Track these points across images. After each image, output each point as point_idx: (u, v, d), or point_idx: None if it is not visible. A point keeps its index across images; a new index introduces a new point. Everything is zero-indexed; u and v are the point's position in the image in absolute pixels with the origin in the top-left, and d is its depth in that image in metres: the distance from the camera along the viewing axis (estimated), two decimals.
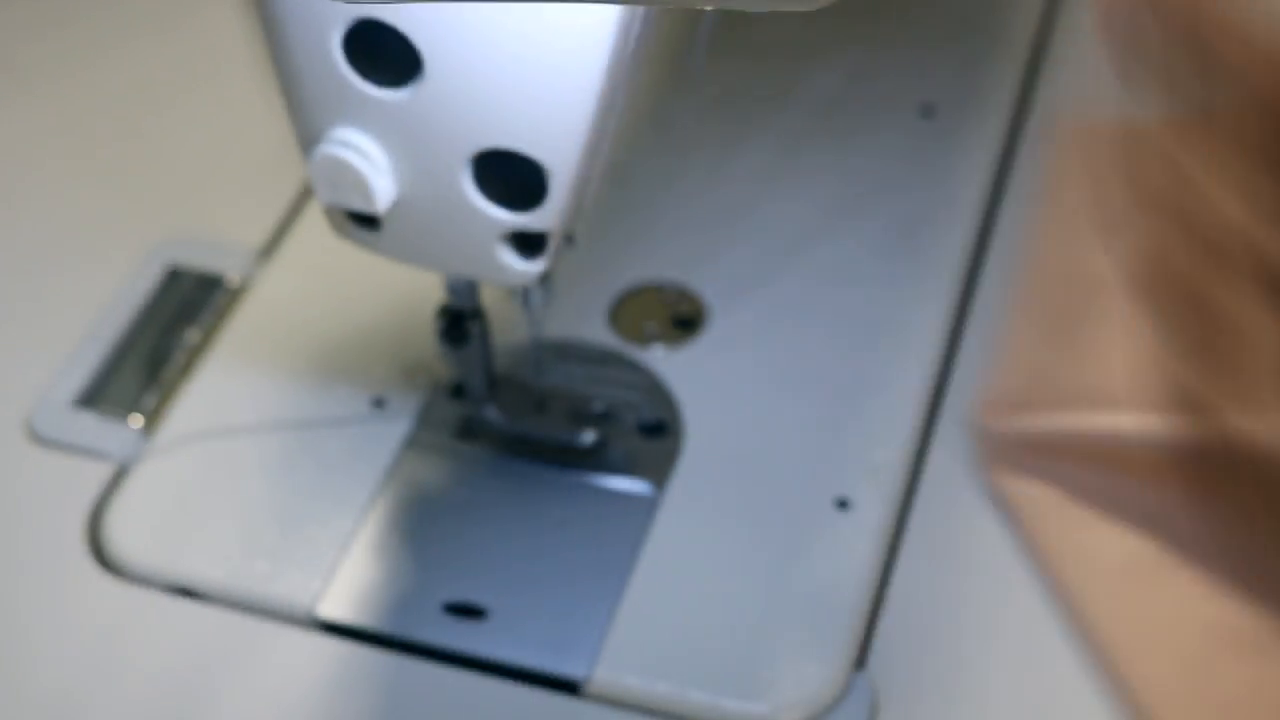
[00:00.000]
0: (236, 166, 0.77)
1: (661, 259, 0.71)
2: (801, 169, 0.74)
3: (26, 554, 0.62)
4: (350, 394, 0.66)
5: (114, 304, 0.70)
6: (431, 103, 0.48)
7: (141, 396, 0.67)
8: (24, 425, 0.66)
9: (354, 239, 0.54)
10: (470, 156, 0.49)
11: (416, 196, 0.51)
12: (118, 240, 0.73)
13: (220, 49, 0.83)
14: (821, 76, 0.80)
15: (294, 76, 0.49)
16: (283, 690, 0.57)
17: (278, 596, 0.60)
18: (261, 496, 0.63)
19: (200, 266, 0.72)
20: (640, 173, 0.75)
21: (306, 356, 0.68)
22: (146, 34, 0.84)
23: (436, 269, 0.55)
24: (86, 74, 0.82)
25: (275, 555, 0.61)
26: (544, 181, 0.49)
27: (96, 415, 0.66)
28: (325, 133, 0.50)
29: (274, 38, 0.48)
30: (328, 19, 0.47)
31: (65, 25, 0.85)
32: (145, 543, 0.62)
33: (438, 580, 0.60)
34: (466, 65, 0.47)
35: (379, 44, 0.47)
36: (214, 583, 0.60)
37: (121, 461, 0.65)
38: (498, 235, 0.51)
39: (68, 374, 0.68)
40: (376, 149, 0.50)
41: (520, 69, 0.47)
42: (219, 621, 0.59)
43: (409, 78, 0.47)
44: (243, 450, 0.65)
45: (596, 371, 0.67)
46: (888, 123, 0.77)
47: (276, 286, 0.72)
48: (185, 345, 0.69)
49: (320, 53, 0.48)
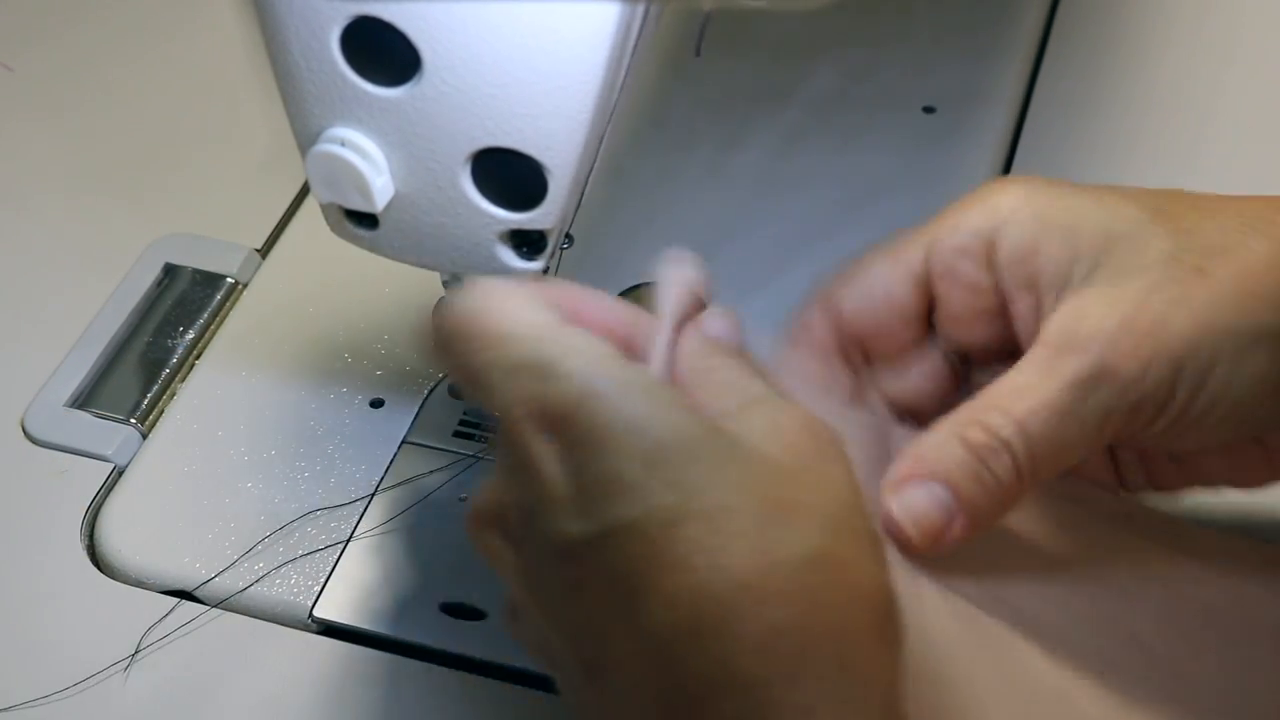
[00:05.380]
0: (234, 165, 0.77)
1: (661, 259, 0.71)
2: (802, 168, 0.74)
3: (23, 556, 0.62)
4: (348, 394, 0.66)
5: (111, 303, 0.70)
6: (430, 101, 0.48)
7: (138, 397, 0.67)
8: (20, 426, 0.66)
9: (352, 238, 0.54)
10: (469, 155, 0.49)
11: (415, 195, 0.50)
12: (115, 239, 0.73)
13: (219, 48, 0.83)
14: (822, 75, 0.79)
15: (292, 74, 0.49)
16: (281, 691, 0.57)
17: (275, 598, 0.60)
18: (259, 497, 0.63)
19: (198, 266, 0.72)
20: (640, 172, 0.75)
21: (304, 357, 0.68)
22: (145, 34, 0.84)
23: (434, 268, 0.54)
24: (85, 74, 0.82)
25: (272, 556, 0.61)
26: (543, 180, 0.49)
27: (93, 416, 0.66)
28: (323, 131, 0.49)
29: (271, 35, 0.48)
30: (325, 16, 0.47)
31: (65, 25, 0.85)
32: (142, 544, 0.61)
33: (435, 581, 0.60)
34: (465, 63, 0.46)
35: (377, 42, 0.47)
36: (211, 584, 0.60)
37: (118, 463, 0.64)
38: (496, 234, 0.51)
39: (64, 374, 0.67)
40: (374, 147, 0.49)
41: (519, 67, 0.46)
42: (216, 623, 0.59)
43: (407, 76, 0.47)
44: (240, 451, 0.64)
45: None
46: (889, 121, 0.76)
47: (274, 286, 0.71)
48: (182, 345, 0.69)
49: (318, 50, 0.47)
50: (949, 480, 0.46)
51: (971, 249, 0.50)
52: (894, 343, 0.52)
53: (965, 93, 0.78)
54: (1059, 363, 0.46)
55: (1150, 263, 0.47)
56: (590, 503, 0.41)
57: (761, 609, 0.39)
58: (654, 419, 0.42)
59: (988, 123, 0.76)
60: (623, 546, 0.41)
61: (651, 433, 0.42)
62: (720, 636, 0.39)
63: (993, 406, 0.47)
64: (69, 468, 0.64)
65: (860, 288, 0.52)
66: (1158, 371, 0.46)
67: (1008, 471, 0.46)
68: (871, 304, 0.52)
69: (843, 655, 0.40)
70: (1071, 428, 0.46)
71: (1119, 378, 0.46)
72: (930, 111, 0.77)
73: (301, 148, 0.51)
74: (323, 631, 0.59)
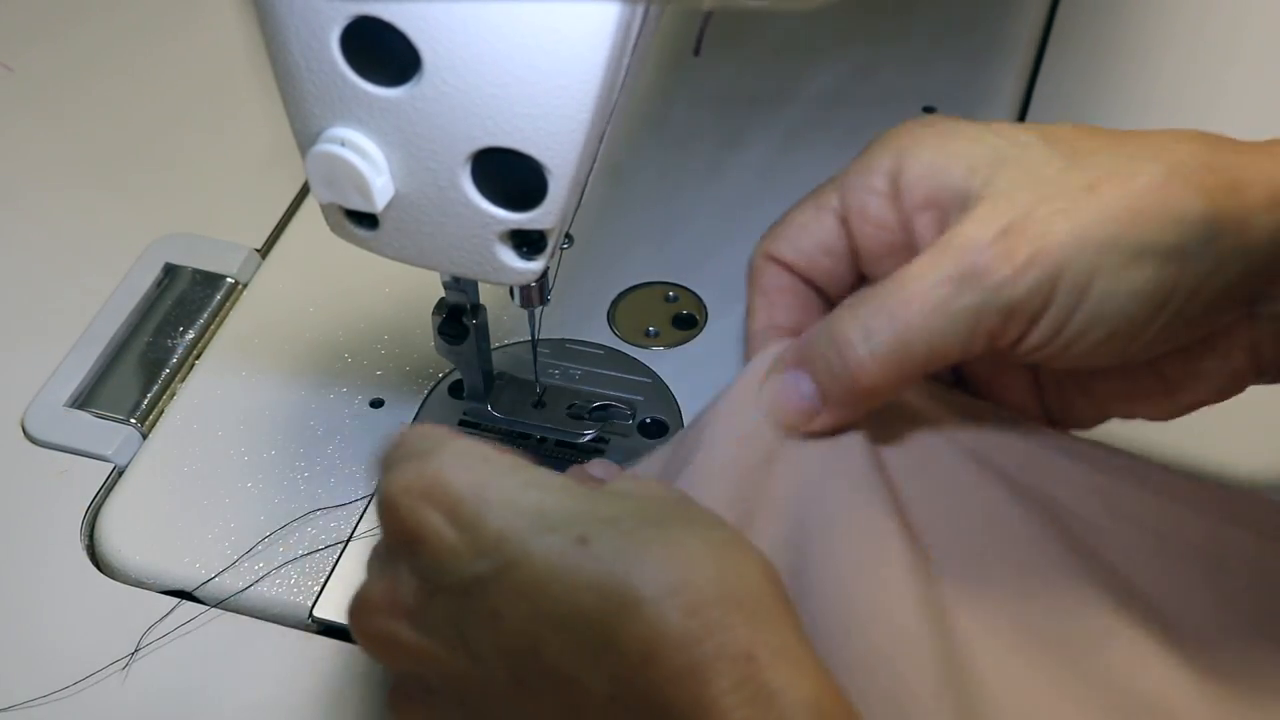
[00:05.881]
0: (234, 165, 0.77)
1: (661, 259, 0.71)
2: (802, 168, 0.74)
3: (23, 556, 0.62)
4: (348, 394, 0.66)
5: (111, 303, 0.70)
6: (430, 101, 0.48)
7: (138, 397, 0.67)
8: (20, 426, 0.66)
9: (352, 238, 0.54)
10: (469, 155, 0.49)
11: (415, 195, 0.50)
12: (115, 239, 0.73)
13: (219, 48, 0.83)
14: (822, 75, 0.79)
15: (291, 74, 0.49)
16: (281, 691, 0.57)
17: (275, 598, 0.60)
18: (258, 497, 0.63)
19: (198, 266, 0.72)
20: (640, 172, 0.75)
21: (304, 356, 0.68)
22: (145, 34, 0.84)
23: (435, 268, 0.54)
24: (85, 74, 0.82)
25: (272, 556, 0.61)
26: (543, 180, 0.49)
27: (93, 416, 0.66)
28: (323, 131, 0.49)
29: (271, 35, 0.48)
30: (325, 16, 0.47)
31: (65, 25, 0.85)
32: (142, 544, 0.61)
33: None
34: (465, 63, 0.46)
35: (377, 42, 0.47)
36: (211, 584, 0.60)
37: (118, 463, 0.64)
38: (496, 234, 0.51)
39: (64, 374, 0.67)
40: (374, 147, 0.49)
41: (520, 67, 0.46)
42: (216, 623, 0.59)
43: (407, 76, 0.47)
44: (240, 451, 0.64)
45: (596, 370, 0.66)
46: (889, 121, 0.75)
47: (274, 286, 0.71)
48: (182, 345, 0.69)
49: (318, 50, 0.47)
50: (813, 372, 0.50)
51: (878, 187, 0.52)
52: (838, 281, 0.54)
53: (965, 93, 0.78)
54: (940, 258, 0.48)
55: (1041, 179, 0.48)
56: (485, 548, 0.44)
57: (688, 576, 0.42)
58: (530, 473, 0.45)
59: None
60: (527, 570, 0.43)
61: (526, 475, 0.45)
62: (653, 602, 0.42)
63: (871, 297, 0.49)
64: (69, 468, 0.64)
65: (792, 238, 0.54)
66: (1033, 276, 0.47)
67: (859, 355, 0.49)
68: (807, 251, 0.54)
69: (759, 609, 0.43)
70: (942, 322, 0.48)
71: (992, 277, 0.47)
72: (930, 111, 0.77)
73: (301, 148, 0.51)
74: (323, 631, 0.59)
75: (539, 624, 0.43)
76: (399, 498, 0.45)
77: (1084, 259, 0.47)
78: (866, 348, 0.48)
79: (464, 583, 0.44)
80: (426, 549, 0.44)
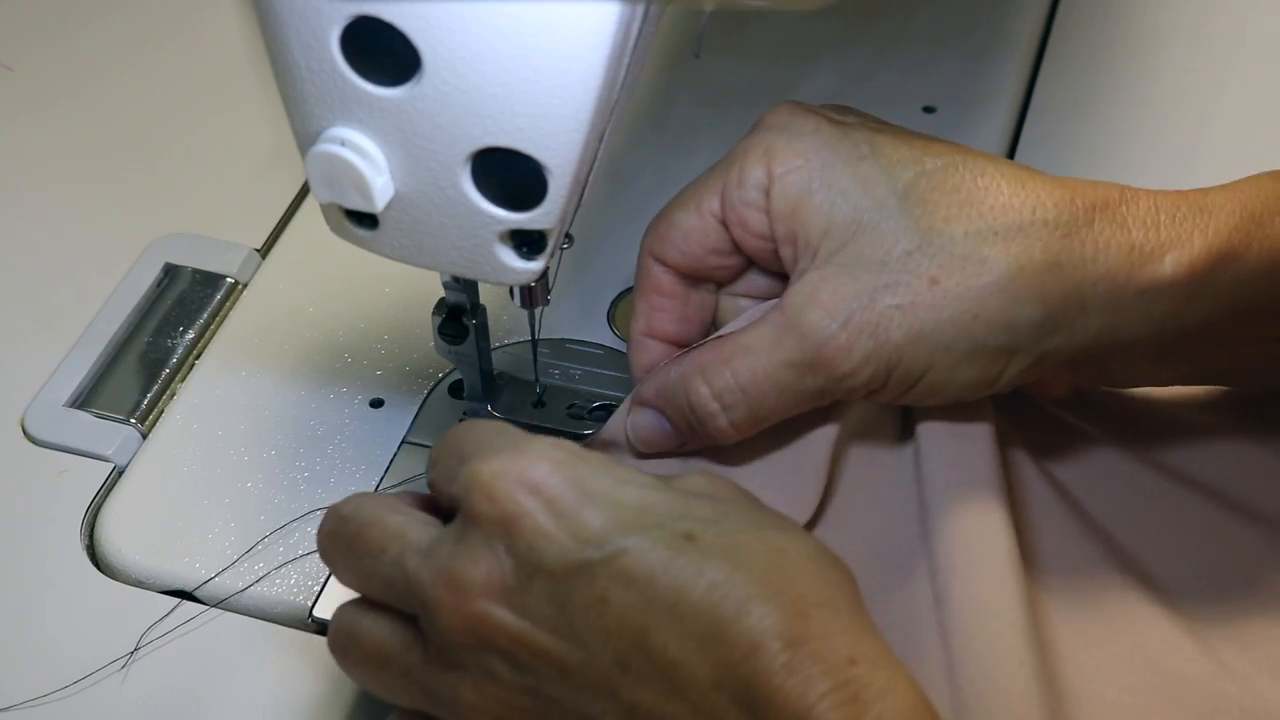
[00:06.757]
0: (234, 165, 0.77)
1: None
2: None
3: (23, 556, 0.62)
4: (348, 394, 0.66)
5: (111, 303, 0.70)
6: (430, 101, 0.47)
7: (138, 397, 0.67)
8: (20, 426, 0.66)
9: (352, 238, 0.54)
10: (469, 155, 0.49)
11: (415, 195, 0.50)
12: (115, 239, 0.73)
13: (219, 48, 0.83)
14: (822, 75, 0.79)
15: (291, 74, 0.49)
16: (280, 691, 0.57)
17: (275, 598, 0.60)
18: (259, 497, 0.63)
19: (198, 266, 0.72)
20: (640, 172, 0.75)
21: (304, 357, 0.68)
22: (145, 34, 0.84)
23: (435, 268, 0.54)
24: (85, 74, 0.82)
25: (272, 556, 0.61)
26: (543, 180, 0.49)
27: (93, 416, 0.66)
28: (323, 131, 0.49)
29: (271, 35, 0.48)
30: (325, 16, 0.46)
31: (65, 25, 0.85)
32: (142, 544, 0.61)
33: None
34: (465, 63, 0.46)
35: (377, 42, 0.47)
36: (211, 584, 0.60)
37: (118, 463, 0.64)
38: (496, 234, 0.51)
39: (64, 374, 0.67)
40: (374, 147, 0.49)
41: (520, 67, 0.46)
42: (216, 623, 0.59)
43: (407, 75, 0.47)
44: (240, 451, 0.64)
45: (596, 370, 0.66)
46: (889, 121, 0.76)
47: (274, 286, 0.71)
48: (182, 345, 0.69)
49: (318, 50, 0.47)
50: (672, 420, 0.56)
51: (754, 200, 0.55)
52: (730, 273, 0.58)
53: (965, 93, 0.78)
54: (785, 339, 0.53)
55: (888, 258, 0.52)
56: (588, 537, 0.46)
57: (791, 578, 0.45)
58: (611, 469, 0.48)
59: (988, 123, 0.76)
60: (636, 560, 0.45)
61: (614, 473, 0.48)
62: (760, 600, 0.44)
63: (724, 362, 0.54)
64: (69, 468, 0.64)
65: (677, 242, 0.57)
66: (870, 370, 0.52)
67: (721, 425, 0.54)
68: (694, 254, 0.57)
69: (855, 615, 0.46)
70: (786, 398, 0.54)
71: (834, 369, 0.52)
72: (930, 111, 0.77)
73: (301, 148, 0.51)
74: (322, 631, 0.59)
75: (649, 612, 0.45)
76: (496, 481, 0.46)
77: (919, 358, 0.52)
78: (726, 419, 0.54)
79: (567, 567, 0.45)
80: (525, 532, 0.46)
